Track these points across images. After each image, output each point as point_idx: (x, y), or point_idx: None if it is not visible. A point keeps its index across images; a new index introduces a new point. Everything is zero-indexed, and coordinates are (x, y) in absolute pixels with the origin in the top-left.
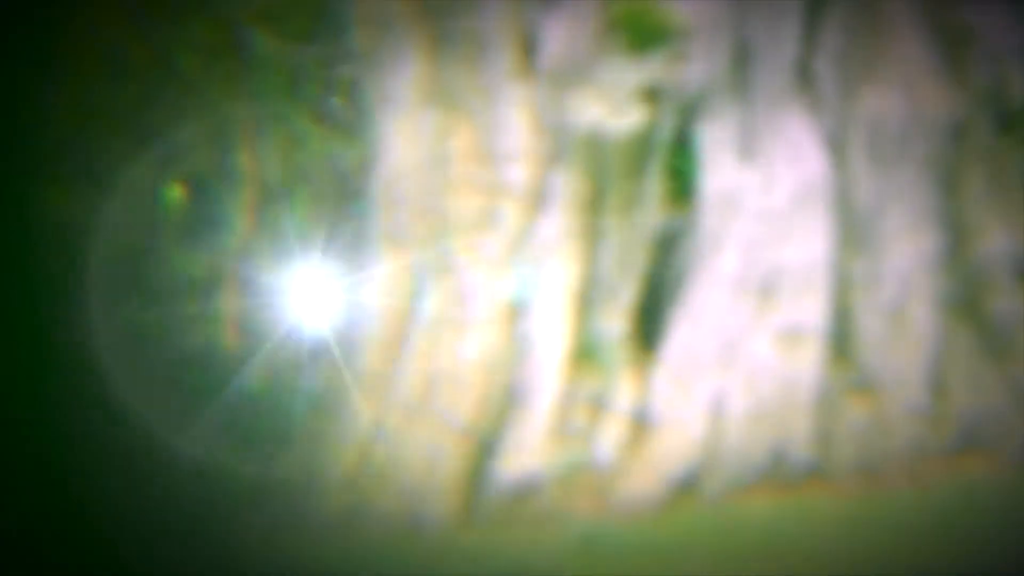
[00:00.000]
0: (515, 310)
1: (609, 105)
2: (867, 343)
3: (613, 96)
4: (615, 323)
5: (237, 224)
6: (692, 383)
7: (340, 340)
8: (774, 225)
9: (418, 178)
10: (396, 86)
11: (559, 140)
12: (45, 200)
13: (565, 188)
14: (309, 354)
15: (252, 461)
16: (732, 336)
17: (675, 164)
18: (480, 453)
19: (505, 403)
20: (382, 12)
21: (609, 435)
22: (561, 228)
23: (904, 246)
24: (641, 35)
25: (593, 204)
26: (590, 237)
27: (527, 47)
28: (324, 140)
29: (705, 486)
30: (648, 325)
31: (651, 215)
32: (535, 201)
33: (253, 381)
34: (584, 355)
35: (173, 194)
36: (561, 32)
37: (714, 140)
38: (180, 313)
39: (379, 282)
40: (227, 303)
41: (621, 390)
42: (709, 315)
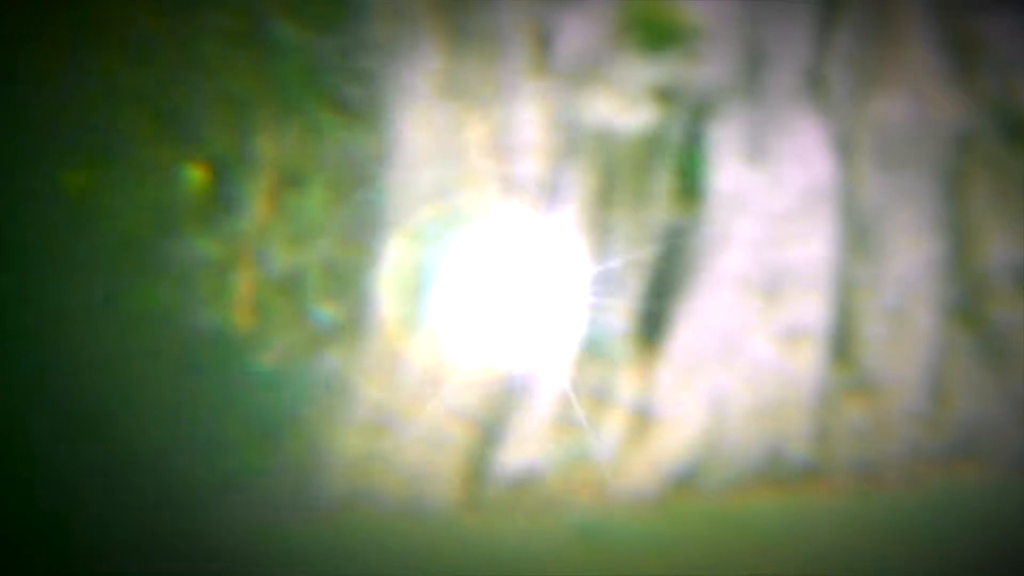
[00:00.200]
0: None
1: (621, 103)
2: (868, 345)
3: (626, 94)
4: (620, 317)
5: (254, 207)
6: (694, 379)
7: (350, 325)
8: (780, 226)
9: (432, 168)
10: (413, 78)
11: (571, 136)
12: (65, 179)
13: (576, 183)
14: (319, 337)
15: (258, 441)
16: (735, 334)
17: (684, 163)
18: (483, 441)
19: (510, 392)
20: (401, 5)
21: (611, 428)
22: (570, 223)
23: (908, 250)
24: (655, 35)
25: (603, 200)
26: (599, 232)
27: (542, 44)
28: (341, 128)
29: (704, 481)
30: (652, 321)
31: (659, 212)
32: (546, 195)
33: (263, 362)
34: (589, 348)
35: (193, 176)
36: (576, 30)
37: (724, 140)
38: (195, 293)
39: (390, 269)
40: (242, 284)
41: (623, 384)
42: (713, 312)
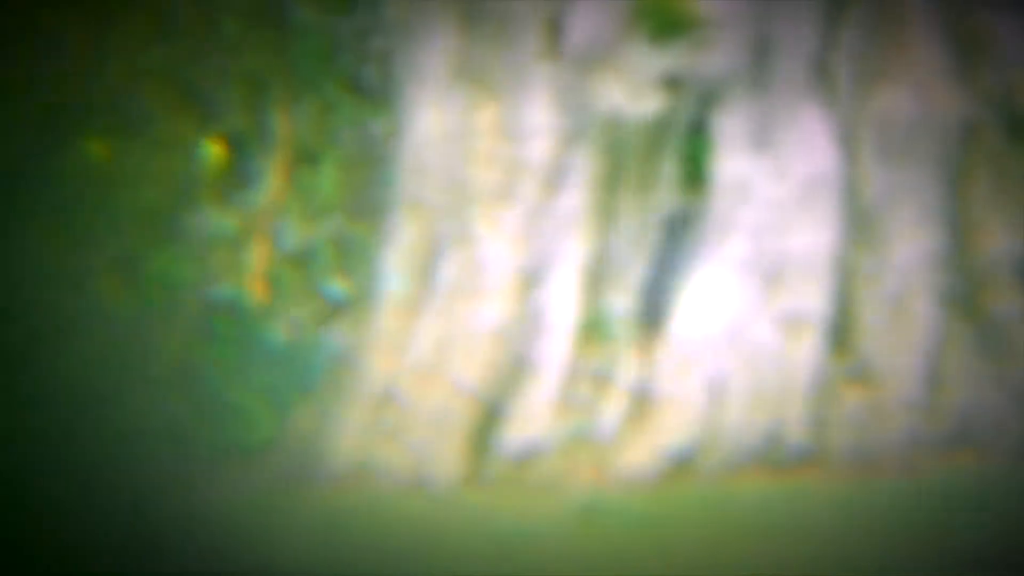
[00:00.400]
0: (529, 282)
1: (630, 90)
2: (867, 334)
3: (634, 81)
4: (624, 300)
5: (269, 182)
6: (694, 363)
7: (359, 300)
8: (783, 214)
9: (442, 149)
10: (426, 60)
11: (580, 121)
12: (88, 150)
13: (583, 167)
14: (329, 312)
15: (267, 412)
16: (736, 319)
17: (690, 150)
18: (487, 418)
19: (514, 371)
20: None
21: (612, 408)
22: (577, 206)
23: (909, 242)
24: (664, 24)
25: (609, 185)
26: (605, 216)
27: (554, 30)
28: (355, 108)
29: (702, 464)
30: (655, 304)
31: (664, 198)
32: (554, 178)
33: (275, 334)
34: (592, 330)
35: (211, 151)
36: (587, 17)
37: (729, 129)
38: (210, 265)
39: (400, 247)
40: (256, 258)
41: (626, 365)
42: (714, 298)
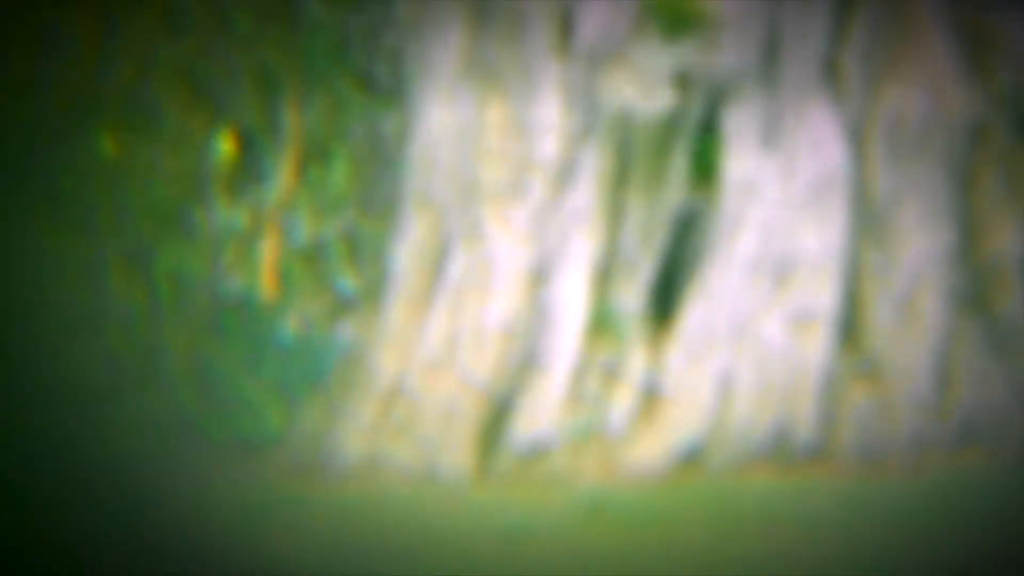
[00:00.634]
0: (538, 278)
1: (640, 87)
2: (876, 332)
3: (645, 79)
4: (633, 297)
5: (280, 178)
6: (703, 359)
7: (370, 295)
8: (792, 212)
9: (453, 146)
10: (437, 57)
11: (590, 118)
12: (99, 145)
13: (593, 164)
14: (340, 307)
15: (278, 406)
16: (744, 316)
17: (700, 147)
18: (496, 413)
19: (523, 367)
20: None
21: (621, 404)
22: (587, 203)
23: (918, 240)
24: (675, 21)
25: (619, 181)
26: (614, 213)
27: (564, 27)
28: (366, 104)
29: (710, 459)
30: (664, 301)
31: (674, 195)
32: (563, 175)
33: (286, 329)
34: (601, 326)
35: (222, 146)
36: (598, 14)
37: (739, 127)
38: (221, 260)
39: (410, 243)
40: (267, 253)
41: (635, 361)
42: (723, 295)
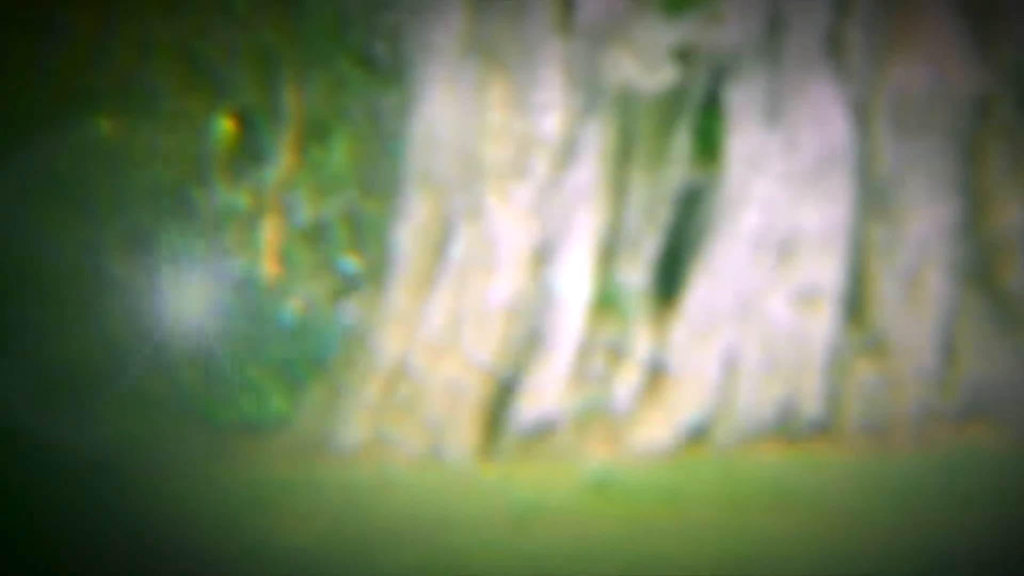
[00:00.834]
0: (541, 257)
1: (642, 63)
2: (881, 306)
3: (647, 55)
4: (637, 274)
5: (281, 158)
6: (708, 336)
7: (372, 275)
8: (796, 187)
9: (454, 125)
10: (438, 35)
11: (592, 95)
12: (98, 128)
13: (595, 142)
14: (343, 287)
15: (282, 386)
16: (749, 293)
17: (703, 123)
18: (501, 392)
19: (527, 346)
20: None
21: (626, 382)
22: (589, 180)
23: (923, 214)
24: None
25: (621, 159)
26: (617, 190)
27: (565, 4)
28: (366, 83)
29: (717, 436)
30: (668, 278)
31: (677, 172)
32: (565, 153)
33: (289, 310)
34: (605, 304)
35: (222, 127)
36: None
37: (742, 102)
38: (223, 241)
39: (412, 222)
40: (268, 234)
41: (639, 339)
42: (728, 271)
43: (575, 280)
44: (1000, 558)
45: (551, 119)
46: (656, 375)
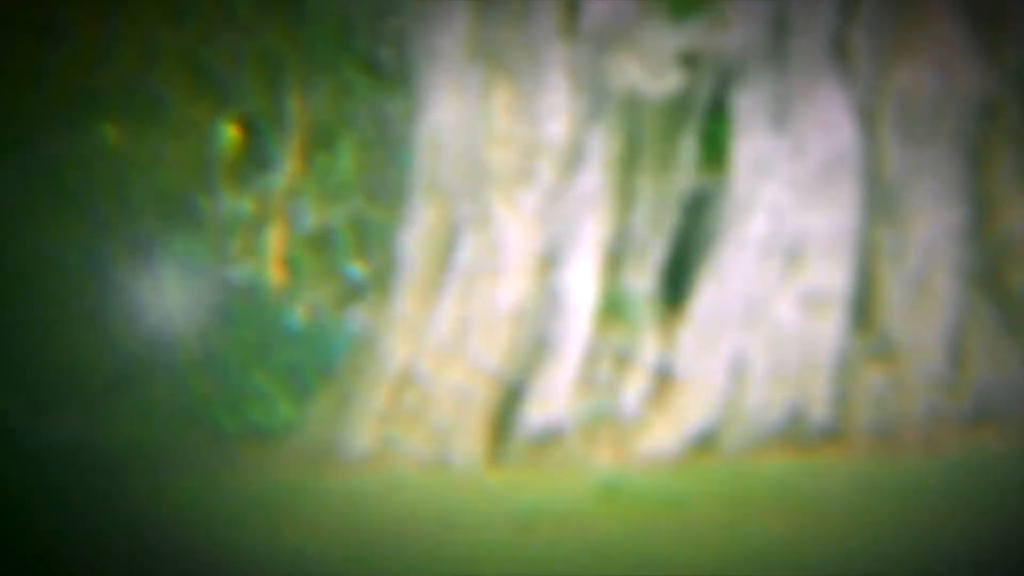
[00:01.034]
0: (548, 263)
1: (648, 68)
2: (889, 311)
3: (652, 60)
4: (644, 280)
5: (286, 165)
6: (716, 341)
7: (379, 281)
8: (803, 192)
9: (460, 131)
10: (443, 41)
11: (598, 100)
12: (103, 135)
13: (601, 147)
14: (349, 293)
15: (288, 393)
16: (757, 297)
17: (709, 128)
18: (508, 398)
19: (535, 352)
20: None
21: (633, 388)
22: (596, 186)
23: (930, 218)
24: (682, 1)
25: (628, 164)
26: (623, 196)
27: (570, 9)
28: (371, 89)
29: (724, 441)
30: (676, 283)
31: (684, 177)
32: (572, 158)
33: (295, 316)
34: (612, 309)
35: (226, 133)
36: None
37: (748, 107)
38: (228, 248)
39: (418, 228)
40: (274, 241)
41: (647, 345)
42: (735, 276)
43: (582, 286)
44: (1010, 562)
45: (557, 125)
46: (663, 381)
